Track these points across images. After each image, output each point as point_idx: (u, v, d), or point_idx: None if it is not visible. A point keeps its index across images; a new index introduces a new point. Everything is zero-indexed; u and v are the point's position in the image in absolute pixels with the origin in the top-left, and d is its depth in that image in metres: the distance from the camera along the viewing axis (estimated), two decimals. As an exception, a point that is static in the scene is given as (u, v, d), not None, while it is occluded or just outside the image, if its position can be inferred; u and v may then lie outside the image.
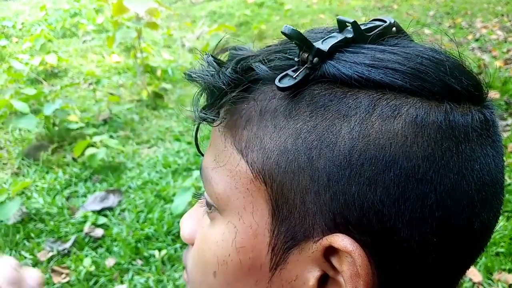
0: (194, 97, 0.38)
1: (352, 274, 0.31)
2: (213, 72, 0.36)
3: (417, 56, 0.32)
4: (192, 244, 0.43)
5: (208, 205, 0.38)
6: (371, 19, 0.36)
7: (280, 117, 0.33)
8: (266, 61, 0.34)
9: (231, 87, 0.34)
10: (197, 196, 0.44)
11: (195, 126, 0.41)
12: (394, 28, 0.35)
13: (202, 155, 0.42)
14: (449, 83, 0.32)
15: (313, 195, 0.31)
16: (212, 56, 0.37)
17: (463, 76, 0.33)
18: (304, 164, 0.31)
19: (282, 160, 0.32)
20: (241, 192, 0.34)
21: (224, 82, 0.34)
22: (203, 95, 0.38)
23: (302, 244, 0.33)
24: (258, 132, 0.33)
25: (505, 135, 2.72)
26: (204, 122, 0.39)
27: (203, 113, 0.37)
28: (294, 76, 0.32)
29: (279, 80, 0.33)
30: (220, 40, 0.37)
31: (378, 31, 0.34)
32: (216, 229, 0.37)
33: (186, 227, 0.44)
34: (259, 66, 0.35)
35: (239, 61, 0.35)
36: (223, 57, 0.38)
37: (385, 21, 0.35)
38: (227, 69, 0.35)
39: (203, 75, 0.36)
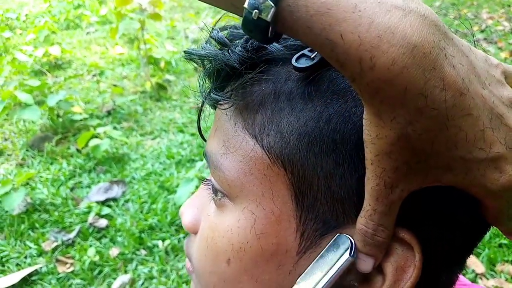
0: (200, 76, 0.36)
1: (398, 267, 0.30)
2: (221, 50, 0.34)
3: None
4: (195, 233, 0.41)
5: (216, 192, 0.37)
6: None
7: (297, 100, 0.31)
8: None
9: (244, 67, 0.33)
10: (203, 181, 0.42)
11: (200, 108, 0.40)
12: None
13: (204, 139, 0.41)
14: None
15: (338, 180, 0.30)
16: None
17: None
18: (327, 148, 0.30)
19: (303, 144, 0.31)
20: (257, 178, 0.33)
21: (236, 61, 0.33)
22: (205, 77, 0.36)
23: (339, 230, 0.31)
24: (273, 116, 0.32)
25: (509, 126, 2.71)
26: (209, 105, 0.37)
27: (216, 94, 0.35)
28: (311, 57, 0.31)
29: (296, 60, 0.31)
30: (220, 18, 0.36)
31: None
32: (228, 216, 0.35)
33: (188, 215, 0.42)
34: (273, 45, 0.34)
35: (248, 39, 0.34)
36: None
37: None
38: (236, 47, 0.34)
39: (214, 52, 0.34)
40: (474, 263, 1.72)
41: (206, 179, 0.42)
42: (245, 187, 0.34)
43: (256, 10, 0.25)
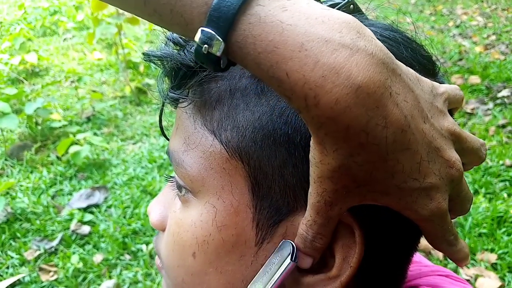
0: (158, 76, 0.37)
1: (344, 245, 0.32)
2: (177, 50, 0.35)
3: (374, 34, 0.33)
4: (163, 230, 0.42)
5: (180, 188, 0.38)
6: None
7: (251, 95, 0.33)
8: None
9: (200, 65, 0.34)
10: (167, 179, 0.44)
11: (161, 108, 0.41)
12: (351, 6, 0.36)
13: (167, 137, 0.42)
14: (405, 59, 0.33)
15: (291, 168, 0.32)
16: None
17: (417, 52, 0.35)
18: (280, 139, 0.32)
19: (258, 137, 0.32)
20: (217, 172, 0.34)
21: (191, 60, 0.34)
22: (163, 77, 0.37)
23: (290, 218, 0.33)
24: (229, 112, 0.33)
25: (486, 119, 2.77)
26: (170, 104, 0.38)
27: (173, 93, 0.36)
28: None
29: None
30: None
31: (337, 8, 0.35)
32: (192, 211, 0.36)
33: (155, 213, 0.43)
34: None
35: None
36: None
37: None
38: (191, 47, 0.34)
39: (170, 53, 0.35)
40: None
41: (171, 176, 0.42)
42: (206, 181, 0.35)
43: (206, 45, 0.26)
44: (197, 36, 0.27)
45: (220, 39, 0.26)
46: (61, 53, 4.29)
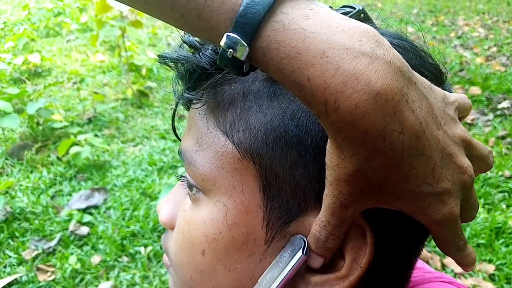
0: (174, 77, 0.38)
1: (354, 246, 0.33)
2: (192, 53, 0.36)
3: None
4: (172, 228, 0.43)
5: (191, 187, 0.38)
6: (341, 6, 0.38)
7: (264, 98, 0.34)
8: None
9: (214, 68, 0.35)
10: (178, 178, 0.44)
11: (174, 108, 0.42)
12: (362, 15, 0.37)
13: (178, 138, 0.43)
14: (414, 66, 0.34)
15: (301, 169, 0.33)
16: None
17: (425, 60, 0.36)
18: (291, 141, 0.32)
19: (270, 138, 0.33)
20: (228, 172, 0.35)
21: (207, 62, 0.35)
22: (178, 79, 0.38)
23: (300, 219, 0.34)
24: (242, 113, 0.34)
25: (486, 130, 2.78)
26: (183, 105, 0.39)
27: (188, 93, 0.37)
28: None
29: None
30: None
31: (349, 16, 0.36)
32: (202, 209, 0.37)
33: (165, 212, 0.44)
34: None
35: None
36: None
37: (354, 8, 0.37)
38: (206, 50, 0.35)
39: (186, 55, 0.36)
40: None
41: (182, 176, 0.43)
42: (217, 181, 0.36)
43: (231, 50, 0.27)
44: (223, 41, 0.28)
45: (245, 44, 0.27)
46: (64, 54, 4.30)
